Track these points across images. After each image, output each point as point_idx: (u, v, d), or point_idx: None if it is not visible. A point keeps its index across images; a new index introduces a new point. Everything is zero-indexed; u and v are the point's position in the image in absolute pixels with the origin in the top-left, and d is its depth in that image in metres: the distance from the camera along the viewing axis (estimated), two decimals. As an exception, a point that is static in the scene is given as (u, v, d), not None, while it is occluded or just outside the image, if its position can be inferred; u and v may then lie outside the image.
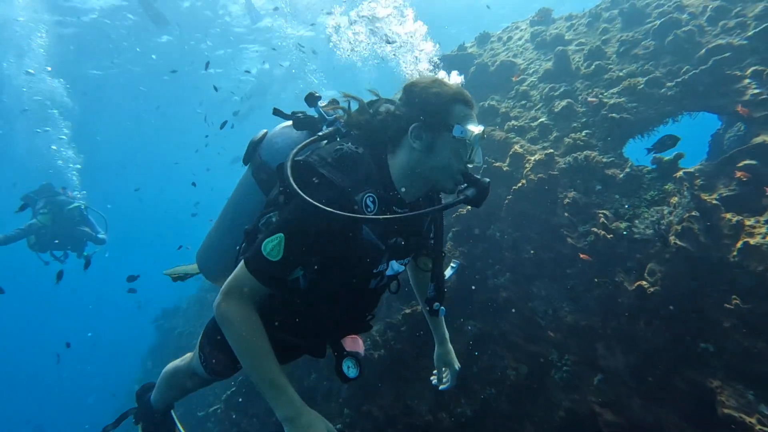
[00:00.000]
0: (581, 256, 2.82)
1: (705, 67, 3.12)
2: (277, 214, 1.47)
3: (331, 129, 1.51)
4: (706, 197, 2.44)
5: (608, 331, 2.68)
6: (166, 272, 2.29)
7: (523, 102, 4.23)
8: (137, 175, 23.39)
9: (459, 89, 1.42)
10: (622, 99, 3.45)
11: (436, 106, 1.37)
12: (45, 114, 13.11)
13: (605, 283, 2.71)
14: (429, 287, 1.78)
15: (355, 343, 1.69)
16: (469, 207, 3.17)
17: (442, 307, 1.78)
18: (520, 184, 3.31)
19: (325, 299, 1.46)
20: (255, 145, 1.67)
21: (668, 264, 2.46)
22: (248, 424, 4.88)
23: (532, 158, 3.34)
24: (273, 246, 1.25)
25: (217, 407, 5.68)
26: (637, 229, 2.71)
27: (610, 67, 3.82)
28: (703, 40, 3.42)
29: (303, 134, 1.60)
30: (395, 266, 1.52)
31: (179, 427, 2.11)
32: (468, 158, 1.40)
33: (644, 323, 2.50)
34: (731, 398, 2.08)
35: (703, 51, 3.27)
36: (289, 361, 1.74)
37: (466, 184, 1.41)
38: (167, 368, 1.96)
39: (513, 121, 4.02)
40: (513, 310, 3.21)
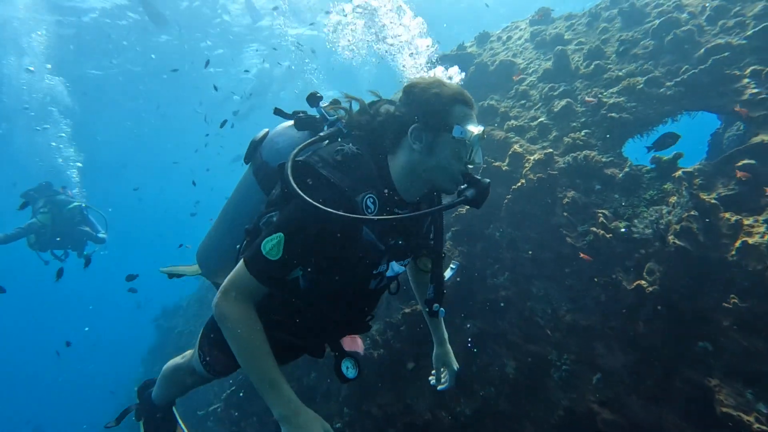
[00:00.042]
0: (582, 256, 2.82)
1: (704, 66, 3.13)
2: (278, 214, 1.46)
3: (332, 129, 1.50)
4: (705, 197, 2.44)
5: (607, 331, 2.69)
6: (163, 270, 2.28)
7: (523, 101, 4.23)
8: (137, 175, 23.38)
9: (459, 89, 1.41)
10: (622, 98, 3.45)
11: (435, 106, 1.36)
12: (45, 112, 13.09)
13: (604, 283, 2.72)
14: (428, 288, 1.77)
15: (354, 343, 1.70)
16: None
17: (442, 309, 1.78)
18: (519, 184, 3.31)
19: (324, 299, 1.46)
20: (256, 144, 1.66)
21: (667, 263, 2.46)
22: (248, 424, 4.89)
23: (532, 158, 3.35)
24: (273, 245, 1.26)
25: (217, 406, 5.69)
26: (636, 229, 2.72)
27: (609, 66, 3.82)
28: (702, 40, 3.42)
29: (304, 134, 1.59)
30: (395, 267, 1.51)
31: (181, 424, 2.11)
32: (468, 158, 1.39)
33: (643, 322, 2.51)
34: (729, 397, 2.08)
35: (703, 50, 3.27)
36: (289, 362, 1.74)
37: (466, 185, 1.40)
38: (167, 365, 1.97)
39: (512, 121, 4.02)
40: (511, 310, 3.21)
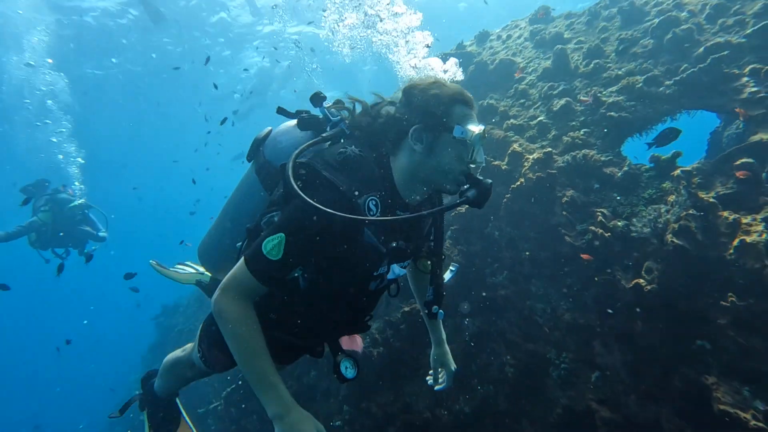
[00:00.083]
0: (582, 256, 2.83)
1: (703, 65, 3.13)
2: (279, 214, 1.46)
3: (335, 130, 1.49)
4: (704, 195, 2.45)
5: (605, 329, 2.70)
6: (153, 264, 2.25)
7: (522, 101, 4.24)
8: (137, 174, 23.37)
9: (458, 90, 1.40)
10: (621, 97, 3.45)
11: (435, 107, 1.36)
12: (45, 107, 13.06)
13: (603, 281, 2.72)
14: (428, 290, 1.77)
15: (353, 342, 1.70)
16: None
17: (441, 311, 1.77)
18: (518, 183, 3.32)
19: (324, 300, 1.46)
20: (259, 142, 1.66)
21: (665, 262, 2.47)
22: (247, 422, 4.90)
23: (531, 157, 3.35)
24: (273, 245, 1.26)
25: (216, 404, 5.70)
26: (634, 228, 2.73)
27: (608, 65, 3.82)
28: (701, 39, 3.42)
29: (307, 134, 1.58)
30: (396, 270, 1.51)
31: (184, 415, 2.12)
32: (470, 158, 1.38)
33: (641, 321, 2.51)
34: (727, 395, 2.09)
35: (702, 49, 3.27)
36: (290, 362, 1.75)
37: (468, 185, 1.39)
38: (168, 358, 1.98)
39: (512, 120, 4.02)
40: (511, 309, 3.22)
